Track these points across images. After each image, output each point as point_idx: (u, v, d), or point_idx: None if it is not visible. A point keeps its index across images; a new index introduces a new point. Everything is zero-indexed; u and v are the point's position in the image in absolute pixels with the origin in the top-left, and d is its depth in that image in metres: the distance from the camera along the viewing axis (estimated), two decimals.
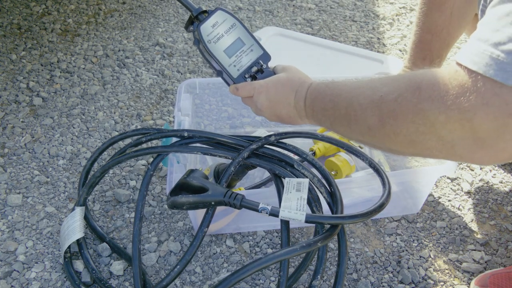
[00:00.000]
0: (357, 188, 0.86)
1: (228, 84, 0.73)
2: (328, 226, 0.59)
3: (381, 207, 0.60)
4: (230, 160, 0.71)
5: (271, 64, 0.74)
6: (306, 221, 0.57)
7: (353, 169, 0.91)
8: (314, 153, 0.94)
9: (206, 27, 0.67)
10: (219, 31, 0.68)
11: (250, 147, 0.71)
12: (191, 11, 0.69)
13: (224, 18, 0.69)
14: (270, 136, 0.73)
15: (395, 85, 0.50)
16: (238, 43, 0.70)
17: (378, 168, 0.69)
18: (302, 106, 0.65)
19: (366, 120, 0.52)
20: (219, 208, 0.77)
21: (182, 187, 0.65)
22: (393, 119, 0.49)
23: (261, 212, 0.59)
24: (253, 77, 0.71)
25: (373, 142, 0.55)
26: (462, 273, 0.79)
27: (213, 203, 0.62)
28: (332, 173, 0.91)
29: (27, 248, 0.80)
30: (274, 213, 0.58)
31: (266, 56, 0.72)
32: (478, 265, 0.79)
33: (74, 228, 0.76)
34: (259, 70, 0.71)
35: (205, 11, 0.69)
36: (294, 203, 0.59)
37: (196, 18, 0.69)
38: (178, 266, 0.64)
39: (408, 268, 0.79)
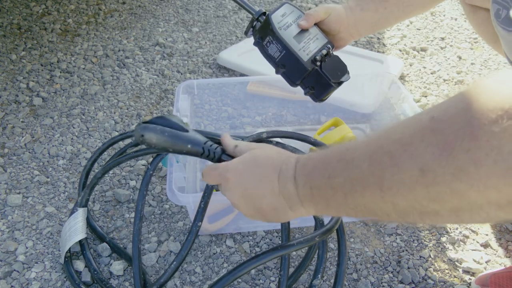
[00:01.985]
0: None
1: (290, 82, 0.75)
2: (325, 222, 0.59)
3: None
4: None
5: None
6: None
7: None
8: None
9: (277, 16, 0.72)
10: (288, 20, 0.72)
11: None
12: (253, 14, 0.74)
13: (291, 10, 0.74)
14: (262, 133, 0.73)
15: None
16: (305, 31, 0.73)
17: None
18: (293, 189, 0.45)
19: (418, 157, 0.33)
20: (219, 208, 0.77)
21: (159, 123, 0.53)
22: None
23: None
24: (322, 62, 0.72)
25: (425, 196, 0.34)
26: (462, 273, 0.79)
27: (189, 146, 0.52)
28: None
29: (27, 248, 0.80)
30: None
31: (331, 44, 0.74)
32: (478, 265, 0.79)
33: (76, 229, 0.76)
34: (327, 53, 0.73)
35: (264, 13, 0.73)
36: None
37: (257, 20, 0.74)
38: (174, 262, 0.65)
39: (408, 268, 0.79)
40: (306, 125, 1.11)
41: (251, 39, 0.76)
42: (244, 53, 1.31)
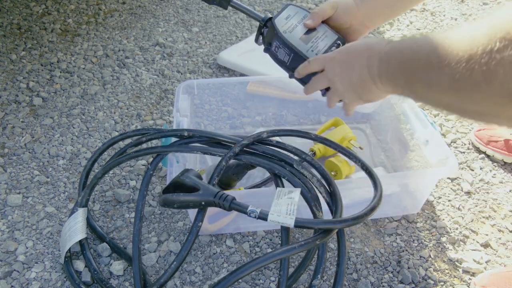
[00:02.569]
0: (356, 189, 0.86)
1: (305, 82, 0.72)
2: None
3: (372, 210, 0.60)
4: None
5: None
6: (296, 226, 0.57)
7: (352, 170, 0.91)
8: (314, 153, 0.94)
9: (280, 20, 0.71)
10: (292, 22, 0.71)
11: (241, 143, 0.71)
12: (259, 20, 0.73)
13: (296, 11, 0.72)
14: (262, 132, 0.73)
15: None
16: (312, 31, 0.71)
17: (371, 170, 0.69)
18: (376, 62, 0.57)
19: (457, 67, 0.41)
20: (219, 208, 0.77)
21: (176, 186, 0.65)
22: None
23: (250, 215, 0.58)
24: None
25: (457, 99, 0.45)
26: (462, 273, 0.79)
27: (203, 203, 0.63)
28: (332, 173, 0.91)
29: (27, 248, 0.80)
30: (262, 216, 0.57)
31: (342, 39, 0.71)
32: (478, 265, 0.79)
33: (76, 229, 0.76)
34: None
35: (270, 18, 0.72)
36: (284, 208, 0.58)
37: (265, 26, 0.73)
38: (175, 263, 0.65)
39: (408, 268, 0.79)
40: (306, 125, 1.11)
41: (251, 39, 0.76)
42: (244, 53, 1.31)
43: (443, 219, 0.89)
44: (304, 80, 0.72)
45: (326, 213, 0.65)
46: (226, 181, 0.81)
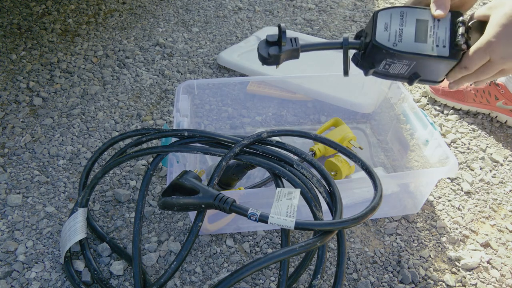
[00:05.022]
0: (356, 189, 0.86)
1: (433, 83, 0.64)
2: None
3: (372, 210, 0.60)
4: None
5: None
6: (296, 228, 0.57)
7: (352, 170, 0.91)
8: (314, 154, 0.95)
9: (381, 34, 0.58)
10: (394, 28, 0.59)
11: (241, 143, 0.71)
12: (341, 46, 0.61)
13: (389, 14, 0.60)
14: (262, 132, 0.73)
15: None
16: (421, 24, 0.59)
17: (371, 170, 0.69)
18: None
19: None
20: None
21: (175, 188, 0.65)
22: None
23: (250, 217, 0.58)
24: (467, 40, 0.59)
25: None
26: (462, 273, 0.79)
27: (203, 205, 0.63)
28: (332, 173, 0.91)
29: (27, 248, 0.80)
30: (263, 219, 0.57)
31: (456, 13, 0.60)
32: (478, 265, 0.79)
33: (76, 229, 0.76)
34: (467, 27, 0.59)
35: (358, 36, 0.62)
36: (284, 209, 0.58)
37: (351, 47, 0.61)
38: (175, 263, 0.64)
39: (408, 268, 0.79)
40: (306, 125, 1.11)
41: (251, 39, 0.73)
42: (244, 53, 1.31)
43: (443, 219, 0.89)
44: (431, 81, 0.63)
45: (326, 213, 0.65)
46: (226, 181, 0.81)
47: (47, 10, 1.57)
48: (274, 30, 1.43)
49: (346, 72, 0.63)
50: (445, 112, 1.17)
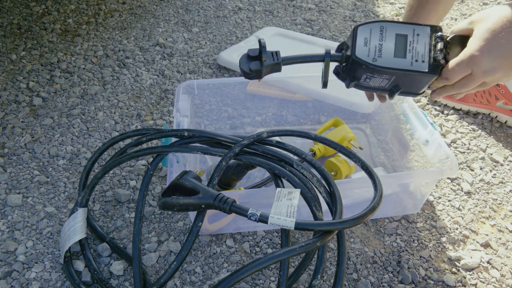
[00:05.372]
0: (356, 189, 0.86)
1: (413, 95, 0.65)
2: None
3: (372, 210, 0.60)
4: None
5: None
6: (296, 228, 0.57)
7: (352, 170, 0.91)
8: (314, 154, 0.95)
9: (360, 49, 0.59)
10: (374, 44, 0.60)
11: (241, 143, 0.71)
12: (323, 59, 0.62)
13: (369, 29, 0.61)
14: (262, 132, 0.73)
15: None
16: (401, 39, 0.60)
17: (371, 170, 0.69)
18: None
19: None
20: None
21: (175, 188, 0.65)
22: None
23: (250, 218, 0.58)
24: (446, 56, 0.60)
25: None
26: (462, 273, 0.79)
27: (203, 206, 0.63)
28: (332, 173, 0.91)
29: (27, 248, 0.80)
30: (263, 219, 0.57)
31: (435, 28, 0.61)
32: (478, 265, 0.79)
33: (76, 229, 0.76)
34: (445, 42, 0.60)
35: (335, 51, 0.63)
36: (284, 209, 0.59)
37: (332, 60, 0.63)
38: (175, 263, 0.64)
39: (408, 268, 0.79)
40: (306, 125, 1.11)
41: (251, 39, 0.73)
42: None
43: (443, 219, 0.89)
44: (412, 93, 0.64)
45: (326, 213, 0.65)
46: (226, 181, 0.81)
47: (47, 10, 1.57)
48: (274, 31, 1.43)
49: (325, 84, 0.64)
50: (445, 112, 1.17)
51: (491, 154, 1.04)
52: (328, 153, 0.96)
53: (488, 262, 0.80)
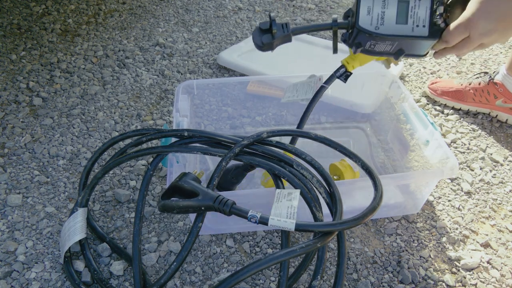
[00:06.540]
0: (356, 189, 0.86)
1: (417, 57, 0.67)
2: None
3: (372, 211, 0.60)
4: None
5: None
6: (296, 229, 0.57)
7: (356, 176, 0.90)
8: (346, 68, 0.81)
9: (363, 18, 0.62)
10: (377, 11, 0.62)
11: (241, 143, 0.71)
12: (330, 27, 0.65)
13: None
14: (262, 132, 0.73)
15: None
16: (403, 5, 0.62)
17: (371, 170, 0.68)
18: None
19: None
20: None
21: (175, 190, 0.65)
22: None
23: (250, 220, 0.58)
24: (446, 19, 0.63)
25: None
26: (462, 273, 0.79)
27: (203, 208, 0.62)
28: (334, 177, 0.90)
29: (27, 248, 0.80)
30: (263, 221, 0.57)
31: None
32: (478, 265, 0.79)
33: (76, 229, 0.76)
34: (446, 5, 0.63)
35: (342, 18, 0.65)
36: (284, 211, 0.58)
37: (340, 27, 0.65)
38: (175, 263, 0.64)
39: (408, 268, 0.79)
40: (306, 125, 1.11)
41: (252, 39, 0.72)
42: (244, 53, 1.31)
43: (443, 219, 0.89)
44: (415, 55, 0.66)
45: (326, 213, 0.65)
46: (226, 185, 0.81)
47: (47, 10, 1.57)
48: None
49: (335, 50, 0.69)
50: (445, 112, 1.17)
51: (491, 154, 1.04)
52: (363, 62, 0.82)
53: (488, 262, 0.80)
